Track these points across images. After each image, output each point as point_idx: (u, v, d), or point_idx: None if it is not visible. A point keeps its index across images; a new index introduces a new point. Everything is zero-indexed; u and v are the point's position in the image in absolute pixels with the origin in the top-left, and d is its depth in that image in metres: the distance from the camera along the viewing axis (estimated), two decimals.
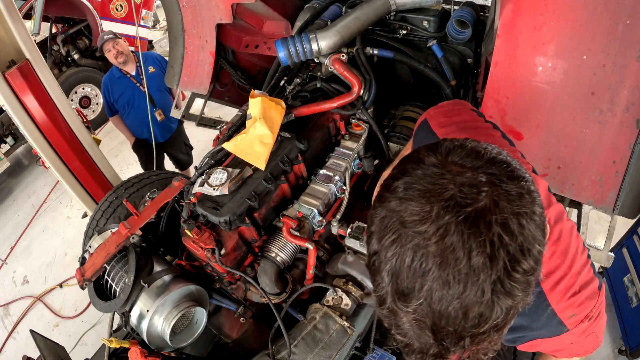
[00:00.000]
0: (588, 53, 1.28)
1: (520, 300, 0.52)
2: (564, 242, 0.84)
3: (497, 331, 0.54)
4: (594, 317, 0.85)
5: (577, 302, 0.82)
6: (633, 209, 1.40)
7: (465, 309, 0.50)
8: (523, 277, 0.51)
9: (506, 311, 0.52)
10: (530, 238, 0.52)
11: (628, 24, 1.19)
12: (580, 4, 1.24)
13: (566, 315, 0.83)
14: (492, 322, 0.52)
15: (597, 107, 1.33)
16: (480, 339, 0.54)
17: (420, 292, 0.51)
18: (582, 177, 1.43)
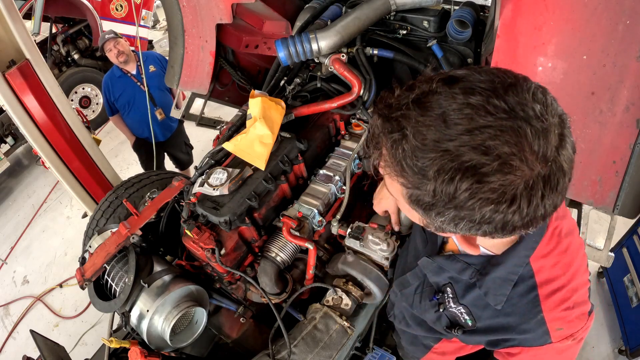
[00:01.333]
0: (588, 53, 1.28)
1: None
2: (569, 256, 0.83)
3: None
4: (577, 340, 0.83)
5: (568, 317, 0.81)
6: (633, 209, 1.39)
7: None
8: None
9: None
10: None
11: (628, 24, 1.19)
12: (580, 4, 1.24)
13: (554, 326, 0.81)
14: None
15: (597, 107, 1.33)
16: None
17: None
18: (582, 177, 1.43)
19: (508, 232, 0.61)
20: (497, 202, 0.54)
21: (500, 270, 0.84)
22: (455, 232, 0.64)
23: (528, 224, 0.59)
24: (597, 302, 2.77)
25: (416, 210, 0.63)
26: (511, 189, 0.53)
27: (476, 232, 0.61)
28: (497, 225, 0.58)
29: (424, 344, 1.27)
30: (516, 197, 0.53)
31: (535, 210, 0.56)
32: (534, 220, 0.58)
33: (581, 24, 1.26)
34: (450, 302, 0.97)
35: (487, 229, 0.59)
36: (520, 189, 0.53)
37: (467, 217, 0.57)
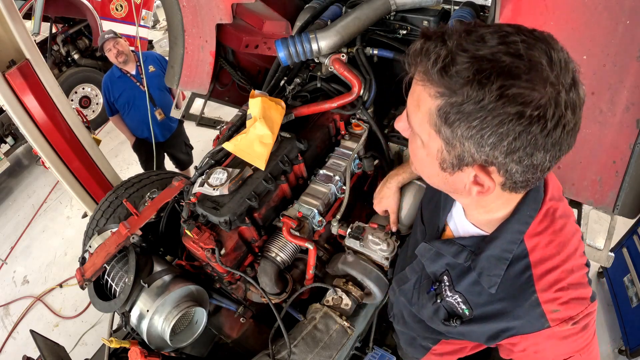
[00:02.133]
0: (588, 53, 1.28)
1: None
2: (564, 236, 0.81)
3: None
4: (581, 326, 0.79)
5: (563, 298, 0.78)
6: (633, 209, 1.39)
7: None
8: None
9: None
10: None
11: (628, 24, 1.19)
12: (580, 4, 1.24)
13: (549, 308, 0.78)
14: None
15: (597, 107, 1.33)
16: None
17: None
18: (582, 177, 1.43)
19: (528, 166, 0.63)
20: (522, 110, 0.56)
21: (494, 246, 0.83)
22: (475, 159, 0.64)
23: (551, 156, 0.62)
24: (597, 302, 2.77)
25: (440, 132, 0.64)
26: (538, 98, 0.56)
27: (498, 156, 0.62)
28: (521, 146, 0.59)
29: (422, 345, 1.26)
30: (541, 109, 0.56)
31: (559, 137, 0.59)
32: (555, 146, 0.60)
33: (581, 24, 1.26)
34: (447, 291, 0.96)
35: (508, 152, 0.60)
36: (545, 100, 0.56)
37: (493, 128, 0.58)
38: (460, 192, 0.76)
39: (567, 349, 0.83)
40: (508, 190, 0.72)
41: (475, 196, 0.73)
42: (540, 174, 0.67)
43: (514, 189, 0.72)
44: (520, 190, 0.73)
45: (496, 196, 0.76)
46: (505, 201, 0.79)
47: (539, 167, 0.64)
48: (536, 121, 0.57)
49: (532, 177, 0.67)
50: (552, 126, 0.57)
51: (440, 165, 0.71)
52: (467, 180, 0.70)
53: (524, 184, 0.70)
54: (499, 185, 0.70)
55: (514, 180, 0.67)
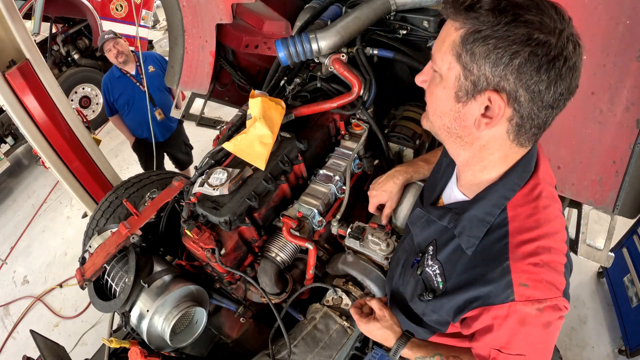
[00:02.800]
0: (588, 53, 1.28)
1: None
2: (546, 214, 0.81)
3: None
4: (544, 317, 0.76)
5: (535, 275, 0.76)
6: (633, 209, 1.39)
7: None
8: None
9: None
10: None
11: (628, 24, 1.19)
12: (580, 4, 1.24)
13: (518, 279, 0.76)
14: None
15: (597, 107, 1.33)
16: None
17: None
18: (582, 177, 1.43)
19: (534, 98, 0.69)
20: (531, 33, 0.64)
21: (478, 207, 0.85)
22: (489, 82, 0.70)
23: (553, 92, 0.68)
24: (597, 302, 2.77)
25: (460, 58, 0.71)
26: (545, 26, 0.65)
27: (509, 77, 0.68)
28: (529, 70, 0.66)
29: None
30: (546, 34, 0.64)
31: (562, 68, 0.66)
32: (558, 80, 0.67)
33: (581, 24, 1.25)
34: (428, 261, 0.97)
35: (519, 73, 0.67)
36: (550, 29, 0.65)
37: (505, 48, 0.66)
38: (468, 133, 0.78)
39: (521, 342, 0.80)
40: (510, 139, 0.77)
41: (480, 140, 0.78)
42: (542, 123, 0.73)
43: (517, 138, 0.76)
44: (521, 142, 0.77)
45: (498, 146, 0.79)
46: (502, 156, 0.81)
47: (544, 107, 0.70)
48: (542, 45, 0.64)
49: (536, 120, 0.72)
50: (555, 54, 0.65)
51: (455, 96, 0.75)
52: (477, 112, 0.74)
53: (526, 133, 0.75)
54: (507, 124, 0.74)
55: (521, 115, 0.72)
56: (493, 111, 0.72)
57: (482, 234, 0.84)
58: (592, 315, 2.70)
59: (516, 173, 0.82)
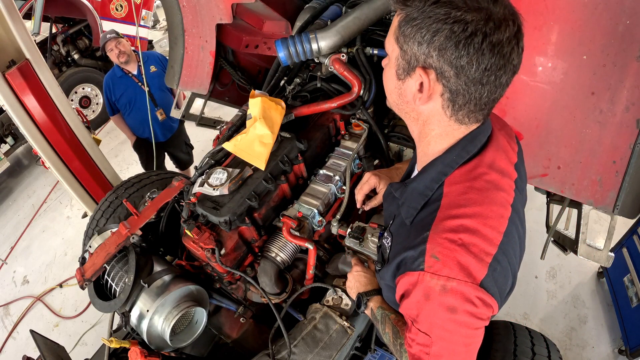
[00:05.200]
0: (588, 53, 1.28)
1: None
2: (480, 197, 0.79)
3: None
4: (448, 300, 0.74)
5: (447, 250, 0.74)
6: (633, 209, 1.39)
7: None
8: None
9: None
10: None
11: (628, 24, 1.19)
12: (580, 4, 1.24)
13: (431, 249, 0.76)
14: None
15: (597, 107, 1.33)
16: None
17: None
18: (582, 177, 1.43)
19: (459, 73, 0.73)
20: (449, 11, 0.69)
21: (419, 180, 0.89)
22: (418, 60, 0.76)
23: (477, 66, 0.71)
24: (597, 302, 2.77)
25: (398, 40, 0.78)
26: (462, 5, 0.69)
27: (433, 53, 0.73)
28: (449, 46, 0.71)
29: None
30: (463, 13, 0.69)
31: (480, 44, 0.69)
32: (478, 54, 0.70)
33: (581, 24, 1.26)
34: (385, 233, 1.01)
35: (440, 49, 0.72)
36: (468, 8, 0.69)
37: (428, 26, 0.72)
38: (411, 109, 0.85)
39: (427, 318, 0.79)
40: (447, 115, 0.80)
41: (421, 115, 0.83)
42: (475, 100, 0.76)
43: (454, 114, 0.80)
44: (459, 118, 0.81)
45: (437, 121, 0.83)
46: (443, 133, 0.84)
47: (471, 82, 0.73)
48: (459, 22, 0.69)
49: (467, 96, 0.76)
50: (473, 29, 0.69)
51: (396, 74, 0.82)
52: (414, 88, 0.79)
53: (461, 109, 0.78)
54: (440, 99, 0.78)
55: (452, 90, 0.76)
56: (424, 87, 0.77)
57: (419, 206, 0.87)
58: (592, 315, 2.70)
59: (455, 151, 0.84)
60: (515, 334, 1.64)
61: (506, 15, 0.70)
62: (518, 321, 2.66)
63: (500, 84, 0.75)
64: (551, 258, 2.98)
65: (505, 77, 0.74)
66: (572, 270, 2.95)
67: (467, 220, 0.77)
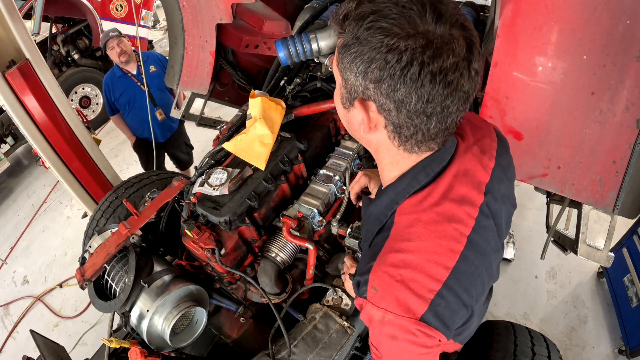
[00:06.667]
0: (588, 53, 1.28)
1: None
2: (425, 229, 0.76)
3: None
4: (386, 327, 0.74)
5: (385, 284, 0.74)
6: (633, 209, 1.39)
7: None
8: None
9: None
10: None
11: (628, 24, 1.19)
12: (580, 4, 1.24)
13: (372, 281, 0.76)
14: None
15: (597, 107, 1.33)
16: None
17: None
18: (582, 177, 1.43)
19: (399, 104, 0.66)
20: (382, 39, 0.63)
21: (375, 205, 0.87)
22: (357, 91, 0.70)
23: (417, 98, 0.65)
24: (597, 302, 2.77)
25: (339, 68, 0.73)
26: (397, 33, 0.62)
27: (369, 85, 0.68)
28: (384, 76, 0.65)
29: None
30: (397, 40, 0.62)
31: (418, 74, 0.62)
32: (417, 84, 0.63)
33: (581, 24, 1.25)
34: (360, 247, 1.01)
35: (376, 81, 0.66)
36: (403, 35, 0.62)
37: (362, 56, 0.66)
38: (360, 137, 0.80)
39: (375, 338, 0.82)
40: (396, 145, 0.75)
41: (371, 143, 0.79)
42: (423, 131, 0.70)
43: (402, 144, 0.74)
44: (408, 148, 0.75)
45: (386, 150, 0.79)
46: (393, 161, 0.80)
47: (414, 115, 0.67)
48: (392, 51, 0.62)
49: (412, 128, 0.70)
50: (407, 59, 0.62)
51: (341, 102, 0.77)
52: (359, 118, 0.74)
53: (408, 140, 0.73)
54: (385, 131, 0.73)
55: (395, 123, 0.70)
56: (364, 120, 0.72)
57: (375, 230, 0.86)
58: (592, 315, 2.70)
59: (405, 180, 0.80)
60: (515, 334, 1.64)
61: (451, 36, 0.62)
62: (518, 321, 2.66)
63: (450, 113, 0.68)
64: (551, 258, 2.98)
65: (455, 106, 0.67)
66: (572, 270, 2.95)
67: (409, 256, 0.75)
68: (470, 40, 0.65)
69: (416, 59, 0.61)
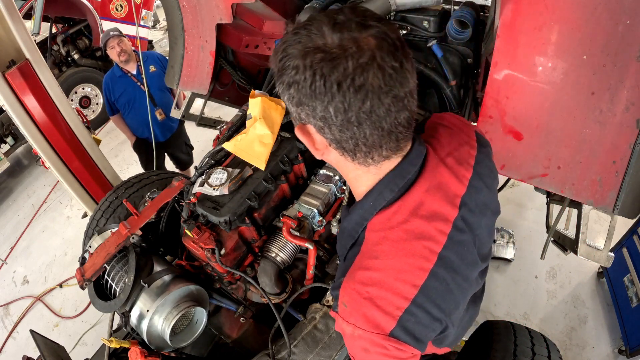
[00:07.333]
0: (588, 53, 1.28)
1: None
2: (393, 247, 0.76)
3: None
4: (357, 340, 0.76)
5: (354, 301, 0.75)
6: (633, 209, 1.39)
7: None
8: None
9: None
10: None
11: (628, 24, 1.19)
12: (580, 4, 1.24)
13: (342, 297, 0.77)
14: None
15: (597, 107, 1.33)
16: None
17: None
18: (582, 177, 1.43)
19: (323, 120, 0.67)
20: (286, 64, 0.65)
21: (348, 220, 0.86)
22: (295, 108, 0.70)
23: (335, 110, 0.64)
24: (597, 302, 2.77)
25: (286, 101, 0.73)
26: (294, 54, 0.64)
27: (292, 108, 0.70)
28: (296, 94, 0.66)
29: None
30: (294, 60, 0.64)
31: (324, 87, 0.62)
32: (326, 97, 0.63)
33: (581, 24, 1.25)
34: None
35: (295, 101, 0.68)
36: (297, 54, 0.64)
37: (280, 80, 0.68)
38: (320, 159, 0.81)
39: (349, 348, 0.82)
40: (350, 160, 0.75)
41: (331, 163, 0.80)
42: (363, 141, 0.68)
43: (354, 159, 0.74)
44: (361, 161, 0.74)
45: (344, 166, 0.79)
46: (356, 176, 0.80)
47: (344, 127, 0.66)
48: (298, 72, 0.63)
49: (350, 140, 0.69)
50: (309, 75, 0.62)
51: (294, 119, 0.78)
52: (306, 142, 0.77)
53: (356, 153, 0.72)
54: (332, 149, 0.74)
55: (333, 140, 0.70)
56: (309, 142, 0.75)
57: (348, 245, 0.86)
58: (592, 315, 2.70)
59: (372, 196, 0.79)
60: (515, 334, 1.63)
61: (353, 40, 0.61)
62: (518, 321, 2.66)
63: (380, 116, 0.64)
64: (551, 258, 2.98)
65: (382, 108, 0.63)
66: (572, 270, 2.95)
67: (376, 274, 0.74)
68: (381, 36, 0.62)
69: (317, 72, 0.61)
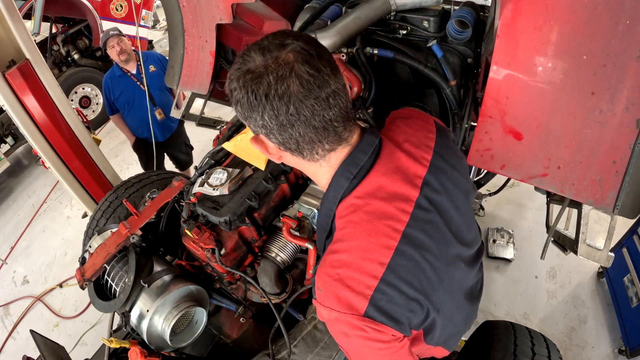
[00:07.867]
0: (588, 53, 1.28)
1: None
2: (355, 229, 0.81)
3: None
4: (336, 324, 0.80)
5: (327, 284, 0.80)
6: (633, 209, 1.39)
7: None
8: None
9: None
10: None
11: (628, 24, 1.19)
12: (580, 4, 1.24)
13: (317, 283, 0.82)
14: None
15: (597, 107, 1.33)
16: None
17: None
18: (582, 177, 1.43)
19: (264, 123, 0.76)
20: (231, 82, 0.77)
21: (320, 215, 0.93)
22: (247, 123, 0.80)
23: (268, 115, 0.74)
24: (597, 302, 2.77)
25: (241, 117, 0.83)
26: (233, 77, 0.76)
27: (242, 117, 0.80)
28: (240, 102, 0.76)
29: None
30: (232, 81, 0.76)
31: (255, 98, 0.72)
32: (260, 105, 0.73)
33: (581, 24, 1.25)
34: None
35: (242, 114, 0.78)
36: (234, 76, 0.75)
37: (233, 99, 0.77)
38: (271, 158, 0.90)
39: (333, 333, 0.86)
40: (302, 158, 0.83)
41: (291, 165, 0.88)
42: (301, 139, 0.77)
43: (304, 157, 0.82)
44: (309, 158, 0.82)
45: (301, 165, 0.87)
46: (313, 171, 0.88)
47: (281, 130, 0.75)
48: (236, 91, 0.75)
49: (292, 140, 0.77)
50: (244, 93, 0.74)
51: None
52: (261, 149, 0.86)
53: (302, 150, 0.80)
54: (282, 150, 0.82)
55: (280, 143, 0.79)
56: (263, 149, 0.85)
57: (324, 238, 0.94)
58: (592, 315, 2.70)
59: (332, 188, 0.86)
60: (515, 334, 1.64)
61: (275, 58, 0.71)
62: (518, 321, 2.66)
63: (308, 115, 0.73)
64: (551, 258, 2.98)
65: (309, 109, 0.72)
66: (572, 270, 2.95)
67: (344, 255, 0.79)
68: (297, 50, 0.72)
69: (249, 89, 0.72)
